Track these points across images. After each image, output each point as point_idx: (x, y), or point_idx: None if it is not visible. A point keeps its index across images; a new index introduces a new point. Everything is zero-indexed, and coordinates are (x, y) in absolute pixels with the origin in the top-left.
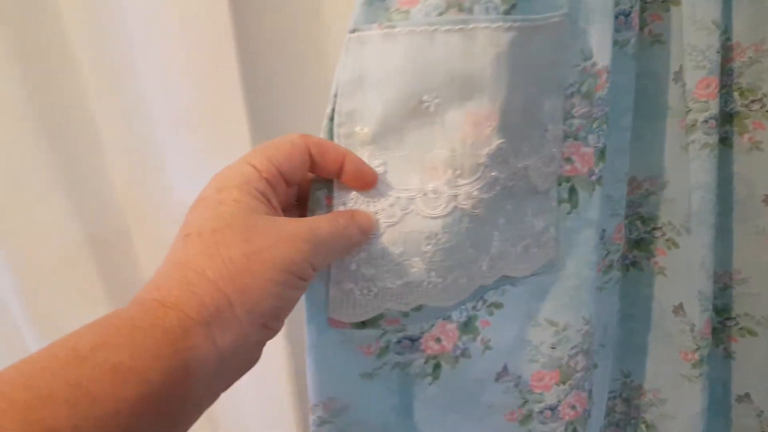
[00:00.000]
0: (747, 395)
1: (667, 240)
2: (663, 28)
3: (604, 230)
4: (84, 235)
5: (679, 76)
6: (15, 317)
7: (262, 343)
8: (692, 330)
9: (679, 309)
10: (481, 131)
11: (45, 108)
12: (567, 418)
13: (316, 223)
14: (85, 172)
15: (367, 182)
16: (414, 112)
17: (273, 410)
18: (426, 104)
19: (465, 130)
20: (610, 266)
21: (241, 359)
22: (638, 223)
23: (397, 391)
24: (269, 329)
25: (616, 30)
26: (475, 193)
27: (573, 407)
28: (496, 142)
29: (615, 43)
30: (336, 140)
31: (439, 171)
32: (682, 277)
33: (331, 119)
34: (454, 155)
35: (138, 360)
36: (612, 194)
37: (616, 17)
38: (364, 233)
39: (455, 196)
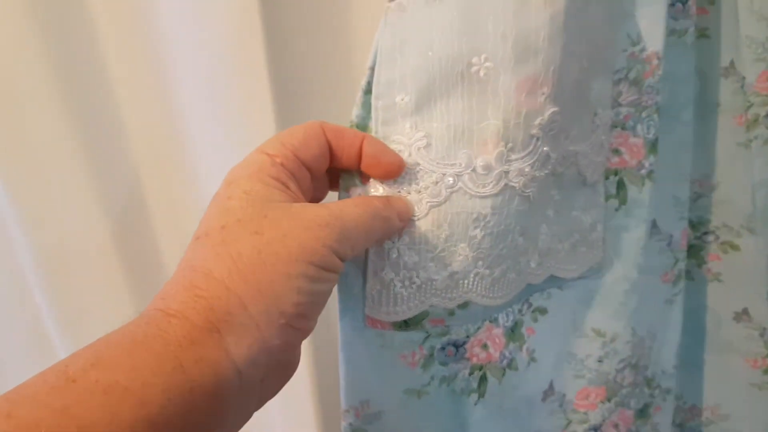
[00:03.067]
0: None
1: (722, 244)
2: (709, 22)
3: (671, 236)
4: (106, 225)
5: (729, 71)
6: (37, 305)
7: (293, 347)
8: (762, 334)
9: (742, 314)
10: (535, 99)
11: (71, 100)
12: None
13: (341, 206)
14: (109, 163)
15: (391, 169)
16: (462, 77)
17: (294, 409)
18: (475, 68)
19: (519, 99)
20: (679, 276)
21: (265, 369)
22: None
23: (448, 414)
24: (296, 329)
25: (674, 18)
26: (527, 169)
27: (616, 426)
28: (549, 111)
29: (673, 32)
30: (373, 114)
31: (490, 144)
32: (744, 281)
33: (368, 92)
34: (508, 126)
35: (135, 379)
36: (678, 195)
37: (673, 5)
38: (403, 218)
39: (506, 172)
